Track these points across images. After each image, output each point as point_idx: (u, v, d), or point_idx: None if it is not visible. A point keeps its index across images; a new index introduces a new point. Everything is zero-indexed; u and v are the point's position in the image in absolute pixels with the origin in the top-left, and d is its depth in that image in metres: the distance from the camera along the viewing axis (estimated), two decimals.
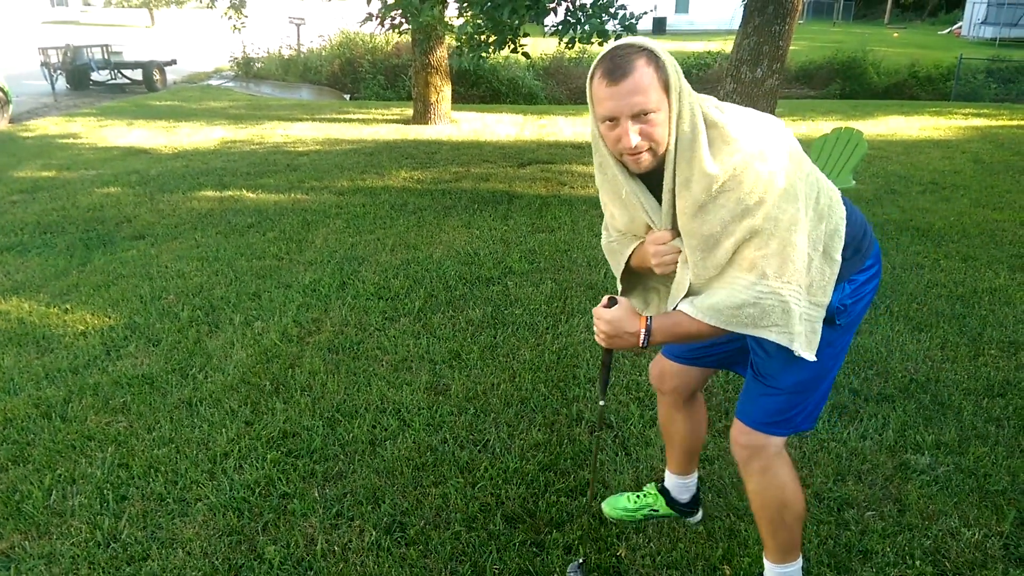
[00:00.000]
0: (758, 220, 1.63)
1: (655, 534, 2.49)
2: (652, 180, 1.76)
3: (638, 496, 2.53)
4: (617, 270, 2.00)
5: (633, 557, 2.39)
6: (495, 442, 3.03)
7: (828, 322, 1.82)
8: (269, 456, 2.92)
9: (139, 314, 4.33)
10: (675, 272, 1.83)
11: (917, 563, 2.34)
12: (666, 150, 1.65)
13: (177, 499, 2.70)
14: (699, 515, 2.54)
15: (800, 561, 2.12)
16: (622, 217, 1.89)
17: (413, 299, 4.49)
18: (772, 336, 1.68)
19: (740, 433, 1.97)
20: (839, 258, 1.80)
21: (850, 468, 2.83)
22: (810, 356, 1.74)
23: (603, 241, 2.04)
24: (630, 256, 1.96)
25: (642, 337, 1.74)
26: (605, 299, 1.83)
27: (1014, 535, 2.48)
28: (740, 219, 1.64)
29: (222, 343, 3.94)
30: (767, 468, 1.94)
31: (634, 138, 1.61)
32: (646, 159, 1.66)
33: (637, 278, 2.03)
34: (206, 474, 2.84)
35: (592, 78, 1.62)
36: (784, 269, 1.66)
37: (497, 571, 2.35)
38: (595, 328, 1.82)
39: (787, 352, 1.78)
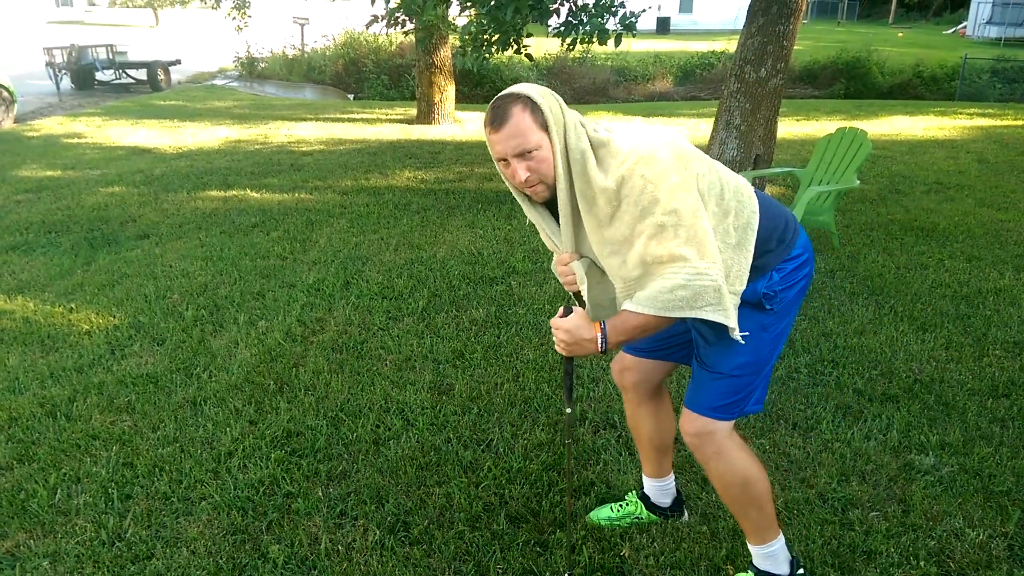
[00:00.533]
0: (659, 216, 1.73)
1: (658, 534, 2.49)
2: (554, 207, 1.92)
3: (620, 505, 2.57)
4: (579, 279, 2.08)
5: (636, 557, 2.39)
6: (499, 442, 3.03)
7: (758, 307, 1.94)
8: (273, 455, 2.93)
9: (143, 313, 4.34)
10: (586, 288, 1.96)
11: (921, 564, 2.34)
12: (555, 179, 1.82)
13: (181, 498, 2.71)
14: (686, 516, 2.57)
15: (781, 537, 2.17)
16: (545, 240, 2.06)
17: (417, 299, 4.50)
18: (708, 315, 1.76)
19: (688, 421, 2.05)
20: (752, 249, 1.89)
21: (854, 468, 2.83)
22: (739, 336, 1.84)
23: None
24: None
25: (599, 341, 1.83)
26: (561, 309, 1.92)
27: (1019, 536, 2.47)
28: (642, 219, 1.75)
29: (226, 342, 3.95)
30: (720, 451, 2.02)
31: (522, 173, 1.79)
32: (540, 190, 1.85)
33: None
34: (210, 473, 2.84)
35: (484, 125, 1.82)
36: (704, 250, 1.74)
37: (501, 571, 2.35)
38: (554, 338, 1.92)
39: (725, 337, 1.88)
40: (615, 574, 2.33)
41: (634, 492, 2.59)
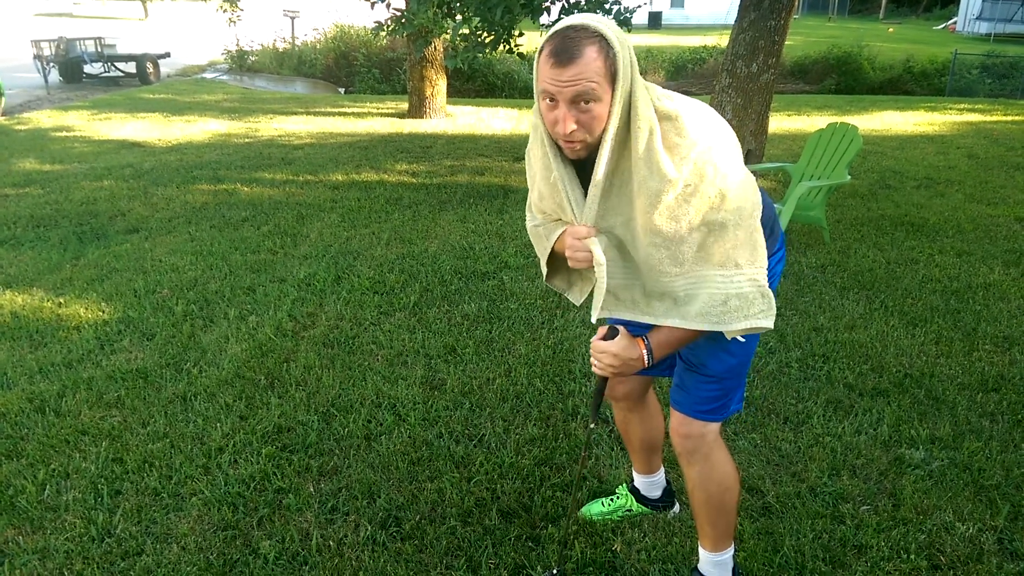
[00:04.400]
0: (723, 213, 1.61)
1: (650, 529, 2.49)
2: (584, 170, 1.70)
3: (611, 500, 2.57)
4: (543, 256, 1.95)
5: (628, 552, 2.39)
6: (490, 437, 3.03)
7: None
8: (264, 451, 2.91)
9: (133, 308, 4.31)
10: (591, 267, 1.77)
11: (912, 557, 2.35)
12: (600, 142, 1.59)
13: (172, 494, 2.69)
14: (676, 508, 2.57)
15: (732, 548, 2.16)
16: (551, 200, 1.81)
17: (408, 294, 4.49)
18: (762, 323, 1.67)
19: (680, 424, 1.99)
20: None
21: (845, 463, 2.84)
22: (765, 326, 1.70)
23: (528, 224, 1.99)
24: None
25: (646, 358, 1.76)
26: (602, 330, 1.82)
27: (1008, 529, 2.49)
28: (706, 215, 1.61)
29: (216, 337, 3.93)
30: (708, 455, 1.99)
31: (570, 125, 1.55)
32: (579, 147, 1.61)
33: (561, 261, 1.94)
34: (201, 469, 2.83)
35: (540, 52, 1.55)
36: (755, 255, 1.65)
37: (492, 565, 2.35)
38: (598, 361, 1.80)
39: (717, 341, 1.82)
40: (607, 569, 2.34)
41: (624, 485, 2.59)
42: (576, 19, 1.54)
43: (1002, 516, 2.54)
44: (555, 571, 2.29)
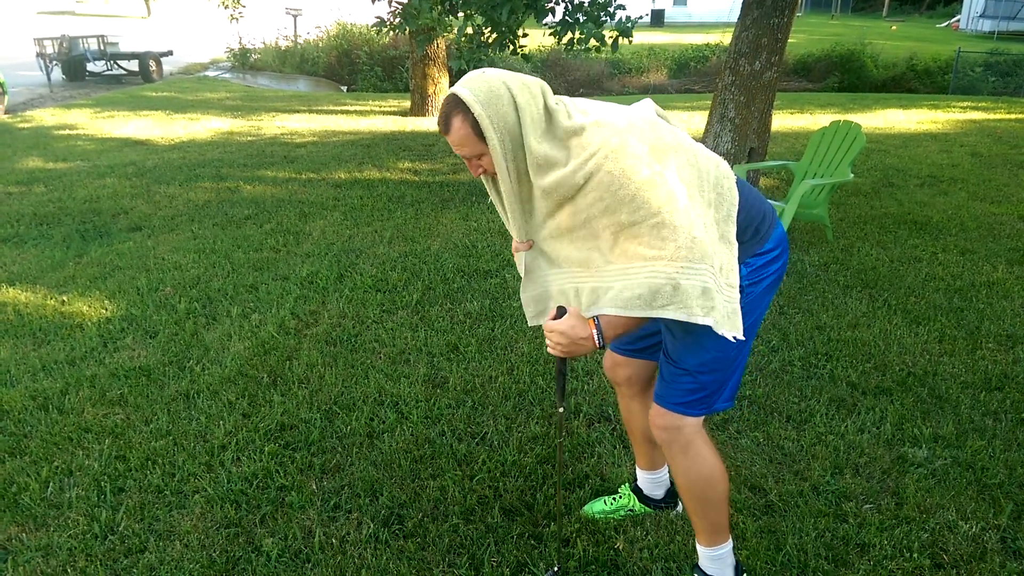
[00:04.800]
0: (624, 214, 1.72)
1: (652, 527, 2.49)
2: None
3: (613, 499, 2.57)
4: (520, 268, 2.10)
5: (631, 550, 2.39)
6: (493, 435, 3.03)
7: None
8: (267, 448, 2.92)
9: (136, 306, 4.32)
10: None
11: (915, 556, 2.35)
12: (499, 180, 1.83)
13: (175, 491, 2.70)
14: (679, 507, 2.56)
15: (730, 542, 2.17)
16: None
17: (411, 291, 4.49)
18: (671, 314, 1.70)
19: (657, 415, 2.03)
20: (735, 240, 1.86)
21: (848, 461, 2.84)
22: (730, 334, 1.76)
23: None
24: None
25: (596, 338, 1.79)
26: (553, 310, 1.89)
27: (1011, 528, 2.48)
28: (608, 214, 1.75)
29: (219, 335, 3.93)
30: (687, 447, 2.01)
31: (477, 171, 1.85)
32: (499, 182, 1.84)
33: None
34: (204, 466, 2.83)
35: None
36: (664, 249, 1.70)
37: (495, 563, 2.35)
38: (549, 341, 1.85)
39: (691, 334, 1.88)
40: (609, 567, 2.33)
41: (627, 485, 2.59)
42: (460, 83, 1.77)
43: (1005, 515, 2.53)
44: (555, 568, 2.29)
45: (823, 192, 5.38)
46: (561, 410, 2.11)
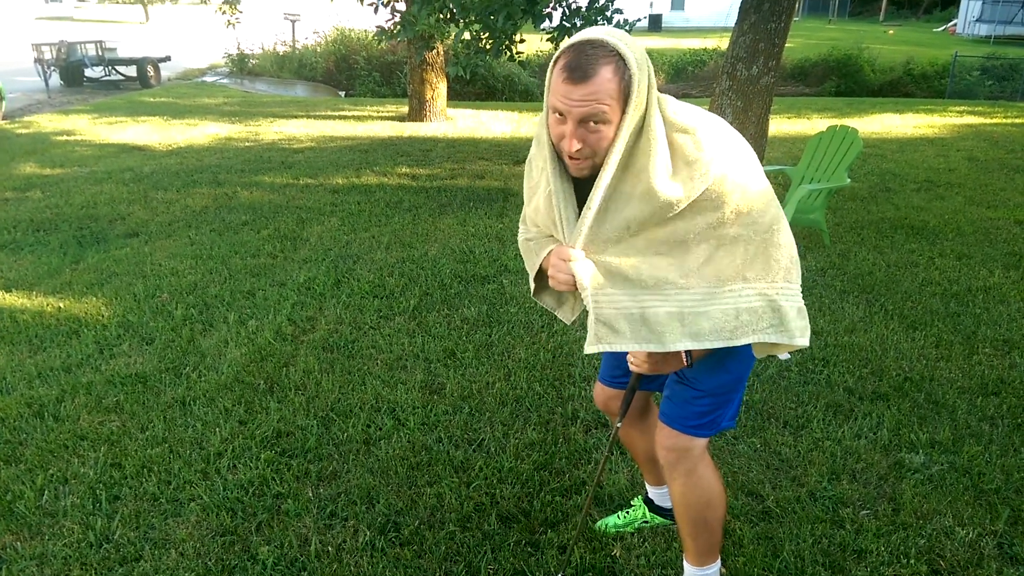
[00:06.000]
0: (735, 228, 1.60)
1: (649, 534, 2.48)
2: (582, 189, 1.65)
3: (626, 512, 2.54)
4: (532, 270, 1.91)
5: (628, 557, 2.39)
6: (490, 441, 3.03)
7: None
8: (263, 456, 2.91)
9: (132, 312, 4.31)
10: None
11: (912, 562, 2.34)
12: (604, 163, 1.55)
13: (170, 499, 2.69)
14: None
15: (719, 563, 2.14)
16: (546, 214, 1.74)
17: (408, 297, 4.48)
18: (772, 337, 1.65)
19: (666, 437, 1.95)
20: None
21: (845, 467, 2.83)
22: (804, 343, 1.69)
23: (520, 237, 1.95)
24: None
25: (684, 356, 1.72)
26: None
27: (1008, 534, 2.48)
28: (717, 230, 1.60)
29: (216, 342, 3.92)
30: (692, 470, 1.94)
31: (575, 144, 1.51)
32: (584, 166, 1.57)
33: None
34: (199, 474, 2.82)
35: (554, 64, 1.50)
36: (768, 270, 1.64)
37: (492, 571, 2.34)
38: (634, 358, 1.77)
39: (713, 356, 1.77)
40: (607, 574, 2.33)
41: (639, 498, 2.54)
42: (596, 33, 1.49)
43: (1002, 520, 2.53)
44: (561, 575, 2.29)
45: (820, 197, 5.39)
46: (619, 426, 2.06)
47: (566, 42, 1.51)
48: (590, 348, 1.69)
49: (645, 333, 1.66)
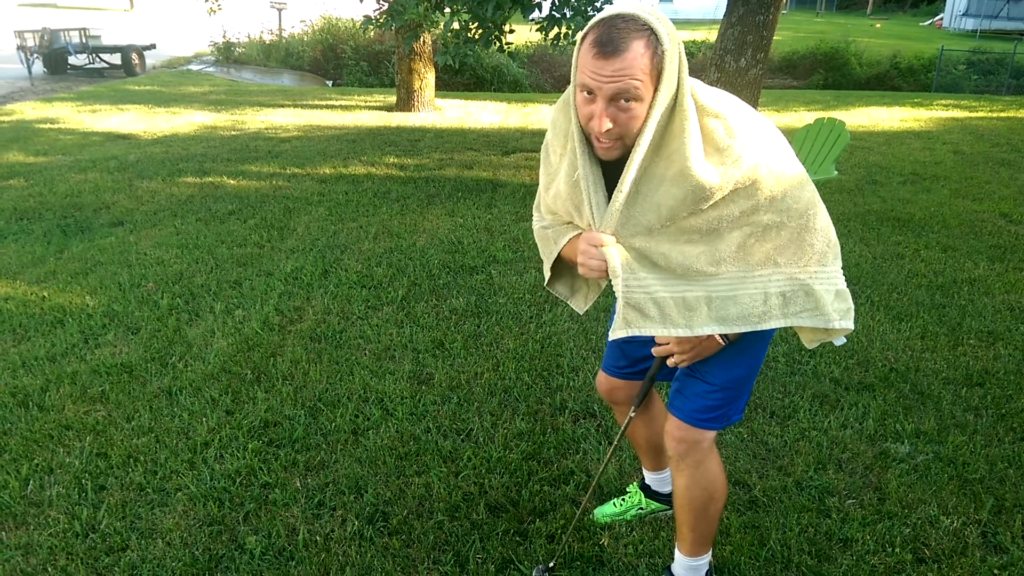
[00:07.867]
0: (769, 215, 1.58)
1: (637, 523, 2.49)
2: (609, 172, 1.62)
3: (622, 500, 2.53)
4: (548, 259, 1.88)
5: (616, 546, 2.40)
6: (478, 431, 3.03)
7: None
8: (250, 446, 2.90)
9: (118, 302, 4.28)
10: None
11: (897, 551, 2.37)
12: (635, 144, 1.50)
13: (157, 489, 2.67)
14: None
15: (709, 554, 2.14)
16: (569, 200, 1.70)
17: (396, 288, 4.47)
18: (806, 321, 1.64)
19: (676, 428, 1.94)
20: None
21: (831, 457, 2.85)
22: (846, 325, 1.67)
23: (535, 225, 1.93)
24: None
25: (720, 338, 1.71)
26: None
27: (992, 523, 2.51)
28: (751, 216, 1.58)
29: (202, 331, 3.90)
30: (700, 462, 1.94)
31: (606, 123, 1.46)
32: (613, 147, 1.53)
33: (566, 266, 1.93)
34: (186, 464, 2.81)
35: (583, 40, 1.45)
36: (801, 255, 1.62)
37: (480, 560, 2.34)
38: (676, 346, 1.75)
39: (726, 351, 1.77)
40: (594, 563, 2.34)
41: (635, 484, 2.54)
42: (626, 8, 1.44)
43: (986, 510, 2.56)
44: (547, 566, 2.29)
45: None
46: (632, 415, 2.06)
47: (595, 18, 1.46)
48: (618, 333, 1.66)
49: (674, 317, 1.65)
